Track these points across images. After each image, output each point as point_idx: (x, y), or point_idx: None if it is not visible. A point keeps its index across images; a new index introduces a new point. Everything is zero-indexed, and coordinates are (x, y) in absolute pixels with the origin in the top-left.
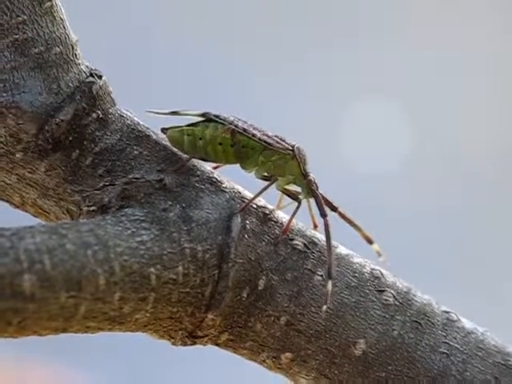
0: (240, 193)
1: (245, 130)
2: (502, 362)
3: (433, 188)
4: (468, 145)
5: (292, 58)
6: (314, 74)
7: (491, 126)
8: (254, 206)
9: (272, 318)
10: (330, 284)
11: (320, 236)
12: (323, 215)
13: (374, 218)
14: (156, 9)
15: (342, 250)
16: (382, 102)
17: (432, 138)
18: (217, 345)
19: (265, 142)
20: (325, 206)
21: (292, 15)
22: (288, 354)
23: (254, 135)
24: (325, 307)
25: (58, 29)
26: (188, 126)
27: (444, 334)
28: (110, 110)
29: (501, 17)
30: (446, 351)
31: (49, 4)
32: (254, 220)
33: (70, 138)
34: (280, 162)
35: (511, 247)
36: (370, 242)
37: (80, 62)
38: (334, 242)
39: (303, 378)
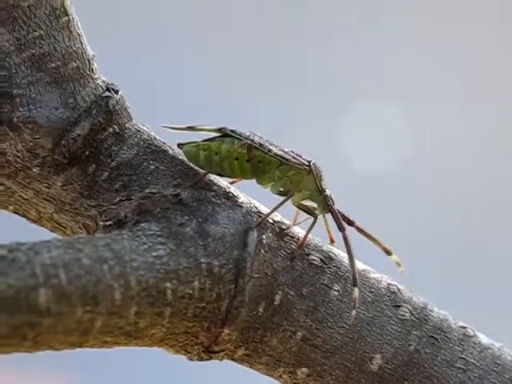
0: (256, 208)
1: (261, 144)
2: None
3: (433, 189)
4: (469, 146)
5: (292, 59)
6: (315, 74)
7: (492, 127)
8: (271, 220)
9: (288, 333)
10: (356, 291)
11: (336, 251)
12: (342, 229)
13: (374, 219)
14: (163, 24)
15: (358, 265)
16: (382, 103)
17: (432, 139)
18: (233, 360)
19: (281, 157)
20: (342, 220)
21: (292, 15)
22: (304, 370)
23: (270, 150)
24: (354, 312)
25: (74, 43)
26: (204, 141)
27: (460, 349)
28: (127, 125)
29: (501, 17)
30: (462, 366)
31: (66, 19)
32: (270, 235)
33: (87, 153)
34: (296, 178)
35: None
36: (388, 253)
37: (97, 76)
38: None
39: None
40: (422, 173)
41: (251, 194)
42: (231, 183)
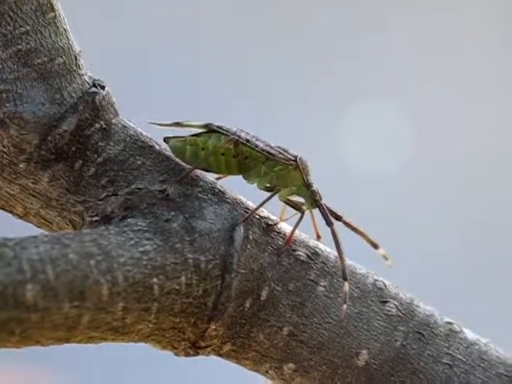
0: (243, 203)
1: (247, 140)
2: (505, 374)
3: (433, 190)
4: (468, 147)
5: (291, 60)
6: (314, 75)
7: (492, 128)
8: (257, 216)
9: (275, 329)
10: (346, 285)
11: (323, 247)
12: (329, 224)
13: (374, 220)
14: (154, 17)
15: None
16: (382, 104)
17: (432, 141)
18: (219, 355)
19: (267, 152)
20: (330, 215)
21: (291, 15)
22: (291, 365)
23: (256, 146)
24: (345, 306)
25: (61, 39)
26: (191, 136)
27: (447, 344)
28: (113, 121)
29: (501, 17)
30: (448, 362)
31: (52, 14)
32: (256, 230)
33: (73, 149)
34: (283, 173)
35: None
36: (375, 247)
37: (83, 72)
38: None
39: None
40: (422, 174)
41: (239, 191)
42: (217, 179)
